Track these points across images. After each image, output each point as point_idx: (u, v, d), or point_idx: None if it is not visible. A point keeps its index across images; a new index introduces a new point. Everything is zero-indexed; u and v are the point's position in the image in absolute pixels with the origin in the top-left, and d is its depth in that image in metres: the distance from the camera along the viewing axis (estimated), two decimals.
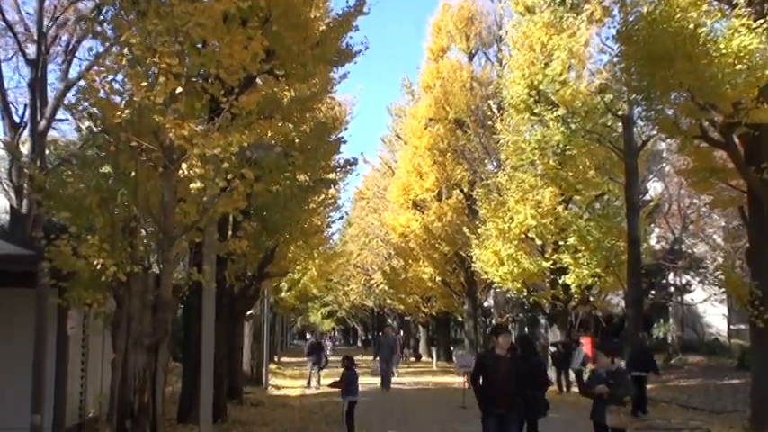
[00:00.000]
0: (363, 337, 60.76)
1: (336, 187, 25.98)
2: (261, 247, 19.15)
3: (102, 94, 9.65)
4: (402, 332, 41.45)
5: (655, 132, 22.35)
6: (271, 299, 32.34)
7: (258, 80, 14.10)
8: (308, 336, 32.91)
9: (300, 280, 40.07)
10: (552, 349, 25.94)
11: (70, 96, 21.63)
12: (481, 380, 10.22)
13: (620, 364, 11.22)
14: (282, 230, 19.48)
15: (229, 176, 9.77)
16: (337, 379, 15.34)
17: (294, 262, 25.81)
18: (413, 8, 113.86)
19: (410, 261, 41.68)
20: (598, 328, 34.47)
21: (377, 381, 26.41)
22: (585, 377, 23.71)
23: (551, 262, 25.80)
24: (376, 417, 18.05)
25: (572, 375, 24.65)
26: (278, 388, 27.83)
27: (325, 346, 33.90)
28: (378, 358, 27.35)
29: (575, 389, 25.32)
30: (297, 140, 17.70)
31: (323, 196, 22.80)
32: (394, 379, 28.17)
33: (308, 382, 29.45)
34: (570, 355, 24.49)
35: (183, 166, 9.63)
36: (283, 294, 40.97)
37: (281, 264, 22.65)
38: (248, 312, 25.04)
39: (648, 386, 19.98)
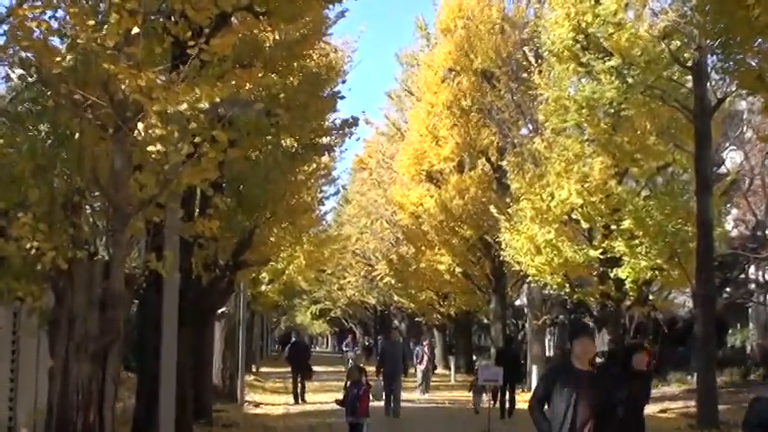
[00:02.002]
0: (366, 343, 60.88)
1: (331, 154, 25.95)
2: (236, 228, 19.19)
3: (36, 34, 9.63)
4: (427, 339, 41.58)
5: (733, 88, 22.25)
6: (248, 294, 32.41)
7: (234, 19, 14.07)
8: (293, 338, 33.11)
9: (285, 270, 40.07)
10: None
11: None
12: (547, 407, 8.67)
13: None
14: (263, 208, 19.51)
15: (197, 139, 9.77)
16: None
17: (277, 248, 25.81)
18: None
19: (423, 248, 41.73)
20: (659, 335, 34.53)
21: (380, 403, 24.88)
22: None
23: (601, 251, 25.80)
24: None
25: None
26: (256, 405, 27.97)
27: (345, 352, 34.12)
28: (381, 374, 24.69)
29: None
30: (282, 95, 17.70)
31: (314, 165, 22.79)
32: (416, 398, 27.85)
33: (296, 398, 29.64)
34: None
35: (140, 126, 9.63)
36: (264, 288, 41.08)
37: (262, 250, 22.67)
38: (220, 311, 25.09)
39: (720, 406, 20.05)
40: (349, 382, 15.40)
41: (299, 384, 30.11)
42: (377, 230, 52.38)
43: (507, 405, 24.92)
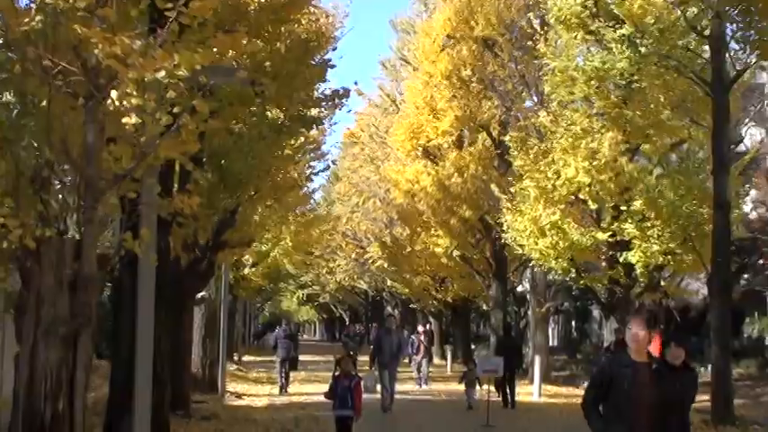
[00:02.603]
0: (358, 330, 60.98)
1: (320, 127, 25.98)
2: (217, 206, 19.19)
3: None
4: (427, 326, 41.60)
5: (754, 59, 22.23)
6: (230, 277, 32.41)
7: None
8: (283, 326, 33.22)
9: (270, 252, 40.17)
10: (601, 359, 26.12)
11: None
12: (602, 407, 8.21)
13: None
14: (246, 184, 19.51)
15: (176, 110, 9.73)
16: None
17: (262, 227, 25.91)
18: None
19: (418, 229, 41.81)
20: (671, 323, 34.65)
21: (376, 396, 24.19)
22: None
23: (609, 233, 25.86)
24: None
25: None
26: (238, 396, 28.02)
27: (345, 343, 34.07)
28: (376, 366, 24.24)
29: None
30: (268, 63, 17.63)
31: (302, 139, 22.77)
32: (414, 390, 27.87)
33: (282, 388, 29.79)
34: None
35: (114, 94, 9.59)
36: (247, 271, 41.16)
37: (245, 230, 22.71)
38: (199, 295, 25.11)
39: (736, 401, 20.13)
40: (338, 373, 15.29)
41: (285, 374, 30.27)
42: (369, 210, 52.41)
43: (509, 396, 25.20)
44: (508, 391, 25.62)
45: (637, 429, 7.91)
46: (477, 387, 24.84)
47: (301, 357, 33.83)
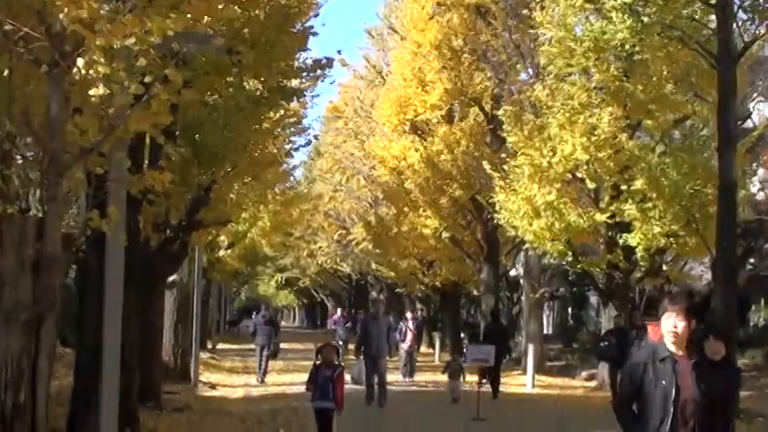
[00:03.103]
0: (342, 317, 60.87)
1: (301, 100, 25.88)
2: (191, 183, 19.14)
3: None
4: (418, 312, 41.62)
5: (763, 30, 22.23)
6: (204, 259, 32.39)
7: None
8: (262, 311, 33.23)
9: (247, 233, 40.16)
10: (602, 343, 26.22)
11: None
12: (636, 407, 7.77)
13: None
14: (222, 160, 19.46)
15: (147, 79, 9.70)
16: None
17: (238, 206, 25.84)
18: None
19: (405, 209, 41.80)
20: None
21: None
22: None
23: (608, 214, 25.90)
24: None
25: None
26: (212, 387, 28.07)
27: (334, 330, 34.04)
28: (362, 355, 23.80)
29: None
30: (245, 30, 17.56)
31: (282, 112, 22.70)
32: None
33: (261, 377, 29.87)
34: (628, 346, 24.74)
35: (80, 62, 9.54)
36: (222, 253, 41.14)
37: (220, 209, 22.65)
38: (171, 278, 25.09)
39: (741, 393, 20.19)
40: (319, 362, 15.24)
41: (263, 363, 30.38)
42: (353, 188, 52.38)
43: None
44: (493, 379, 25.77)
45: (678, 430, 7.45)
46: (462, 378, 24.79)
47: (281, 345, 33.81)
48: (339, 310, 44.50)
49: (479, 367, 24.46)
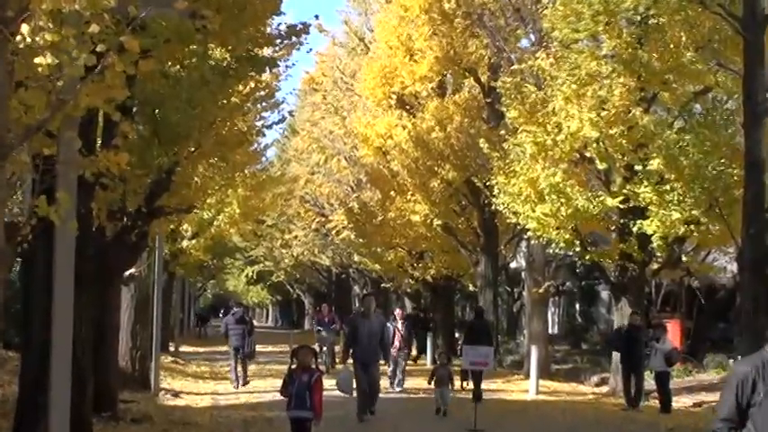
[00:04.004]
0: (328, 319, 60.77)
1: (274, 71, 25.83)
2: (150, 165, 19.13)
3: None
4: (426, 314, 41.33)
5: None
6: (165, 251, 32.35)
7: None
8: (234, 309, 33.25)
9: (214, 221, 40.12)
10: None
11: None
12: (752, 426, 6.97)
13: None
14: (185, 139, 19.42)
15: (100, 48, 9.67)
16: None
17: (204, 191, 25.77)
18: None
19: (392, 193, 41.86)
20: (693, 306, 34.88)
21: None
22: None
23: (621, 198, 25.94)
24: None
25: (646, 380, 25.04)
26: (175, 395, 28.02)
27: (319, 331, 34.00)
28: (351, 360, 22.70)
29: (652, 401, 25.78)
30: None
31: (252, 85, 22.68)
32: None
33: (237, 382, 29.98)
34: (639, 346, 24.88)
35: (25, 29, 9.51)
36: (186, 244, 41.09)
37: (183, 194, 22.60)
38: (128, 272, 25.03)
39: None
40: (295, 366, 15.20)
41: (241, 366, 30.77)
42: (332, 170, 52.42)
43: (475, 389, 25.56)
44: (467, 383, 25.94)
45: None
46: (451, 387, 24.55)
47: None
48: (325, 307, 43.84)
49: (464, 370, 24.38)
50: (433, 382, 24.41)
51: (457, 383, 25.64)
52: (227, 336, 31.60)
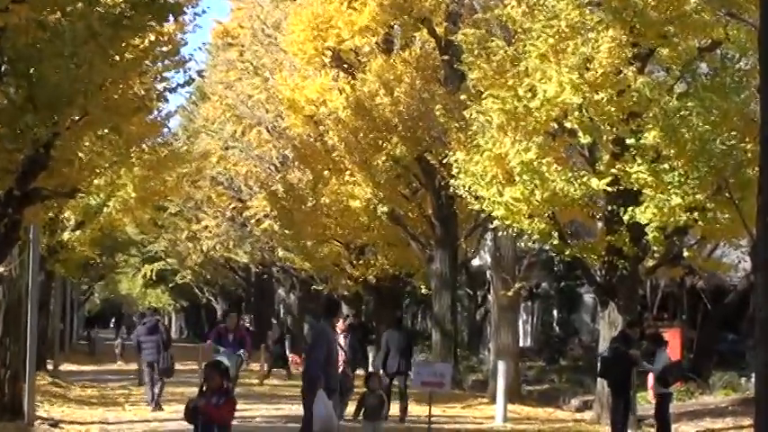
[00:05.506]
0: (248, 324, 60.49)
1: (179, 20, 25.74)
2: (24, 137, 18.99)
3: None
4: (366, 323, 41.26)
5: None
6: (42, 245, 32.11)
7: None
8: (146, 317, 33.23)
9: (103, 208, 39.93)
10: (603, 352, 26.47)
11: None
12: None
13: None
14: (68, 105, 19.31)
15: None
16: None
17: (90, 171, 25.64)
18: None
19: (326, 173, 41.92)
20: (697, 313, 35.05)
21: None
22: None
23: (609, 179, 25.99)
24: None
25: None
26: (54, 424, 27.87)
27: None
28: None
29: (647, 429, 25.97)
30: None
31: (151, 38, 22.60)
32: None
33: (154, 403, 30.87)
34: (628, 362, 25.01)
35: None
36: (68, 236, 40.91)
37: (65, 173, 22.52)
38: None
39: None
40: (206, 388, 15.25)
41: (158, 385, 31.16)
42: (251, 145, 52.44)
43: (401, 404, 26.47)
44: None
45: None
46: (385, 418, 23.95)
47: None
48: (233, 318, 42.78)
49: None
50: (361, 414, 22.94)
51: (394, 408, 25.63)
52: (140, 350, 31.58)
